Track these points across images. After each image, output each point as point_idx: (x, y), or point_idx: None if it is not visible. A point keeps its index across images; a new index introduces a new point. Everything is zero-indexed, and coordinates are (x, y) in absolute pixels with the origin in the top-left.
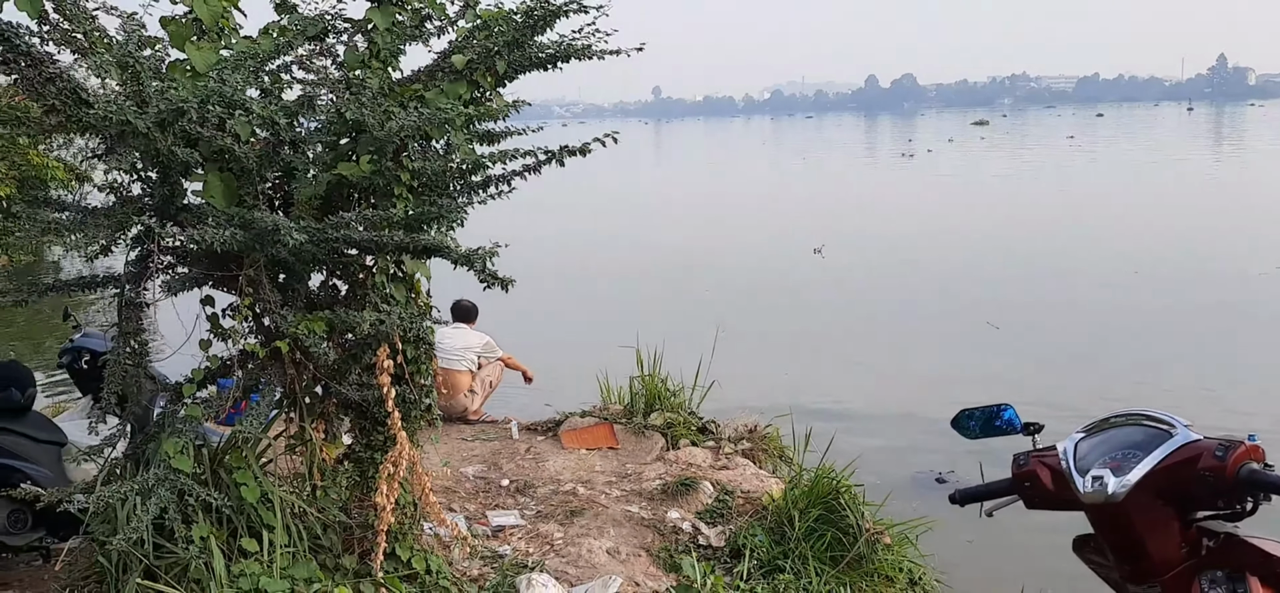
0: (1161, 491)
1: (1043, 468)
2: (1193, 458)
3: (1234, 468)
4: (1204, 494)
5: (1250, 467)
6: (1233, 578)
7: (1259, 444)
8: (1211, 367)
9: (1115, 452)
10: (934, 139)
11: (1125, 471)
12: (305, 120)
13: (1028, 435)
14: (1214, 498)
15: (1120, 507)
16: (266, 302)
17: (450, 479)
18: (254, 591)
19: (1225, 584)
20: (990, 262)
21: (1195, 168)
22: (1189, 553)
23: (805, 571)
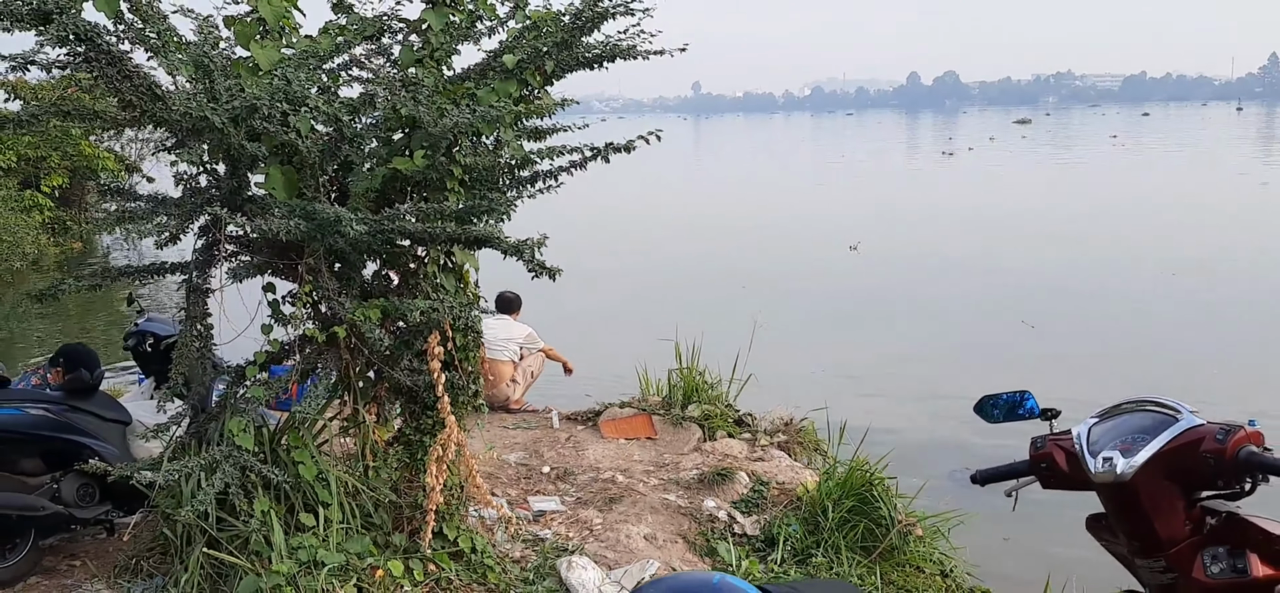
0: (1167, 471)
1: (1058, 450)
2: (1196, 441)
3: (1233, 450)
4: (1206, 475)
5: (1249, 449)
6: (1233, 554)
7: (1259, 429)
8: (1242, 369)
9: (1125, 435)
10: (975, 137)
11: (1134, 452)
12: (363, 117)
13: (1046, 421)
14: (1215, 479)
15: (1128, 486)
16: (325, 289)
17: (493, 465)
18: (312, 562)
19: (1226, 560)
20: (1027, 261)
21: (1239, 169)
22: (1193, 531)
23: (838, 560)
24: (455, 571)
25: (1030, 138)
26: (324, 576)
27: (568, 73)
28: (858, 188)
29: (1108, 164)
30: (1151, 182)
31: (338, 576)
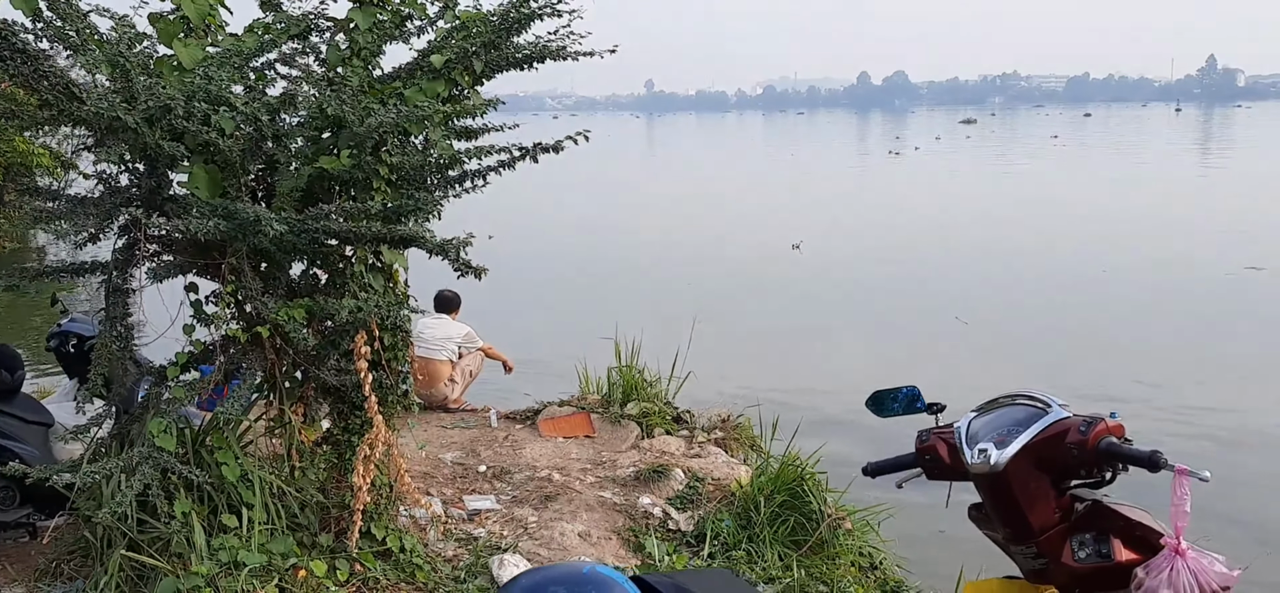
0: (1037, 462)
1: (941, 443)
2: (1062, 433)
3: (1095, 441)
4: (1072, 465)
5: (1109, 440)
6: (1099, 540)
7: (1119, 422)
8: (1164, 363)
9: (1001, 428)
10: (922, 137)
11: (1007, 444)
12: (288, 116)
13: (931, 414)
14: (1079, 468)
15: (1002, 476)
16: (248, 289)
17: (429, 465)
18: (232, 563)
19: (1092, 545)
20: (963, 258)
21: (1172, 169)
22: (1062, 518)
23: (768, 554)
24: (382, 570)
25: (974, 138)
26: (244, 576)
27: (497, 73)
28: (804, 187)
29: (1046, 164)
30: (1086, 181)
31: (259, 576)
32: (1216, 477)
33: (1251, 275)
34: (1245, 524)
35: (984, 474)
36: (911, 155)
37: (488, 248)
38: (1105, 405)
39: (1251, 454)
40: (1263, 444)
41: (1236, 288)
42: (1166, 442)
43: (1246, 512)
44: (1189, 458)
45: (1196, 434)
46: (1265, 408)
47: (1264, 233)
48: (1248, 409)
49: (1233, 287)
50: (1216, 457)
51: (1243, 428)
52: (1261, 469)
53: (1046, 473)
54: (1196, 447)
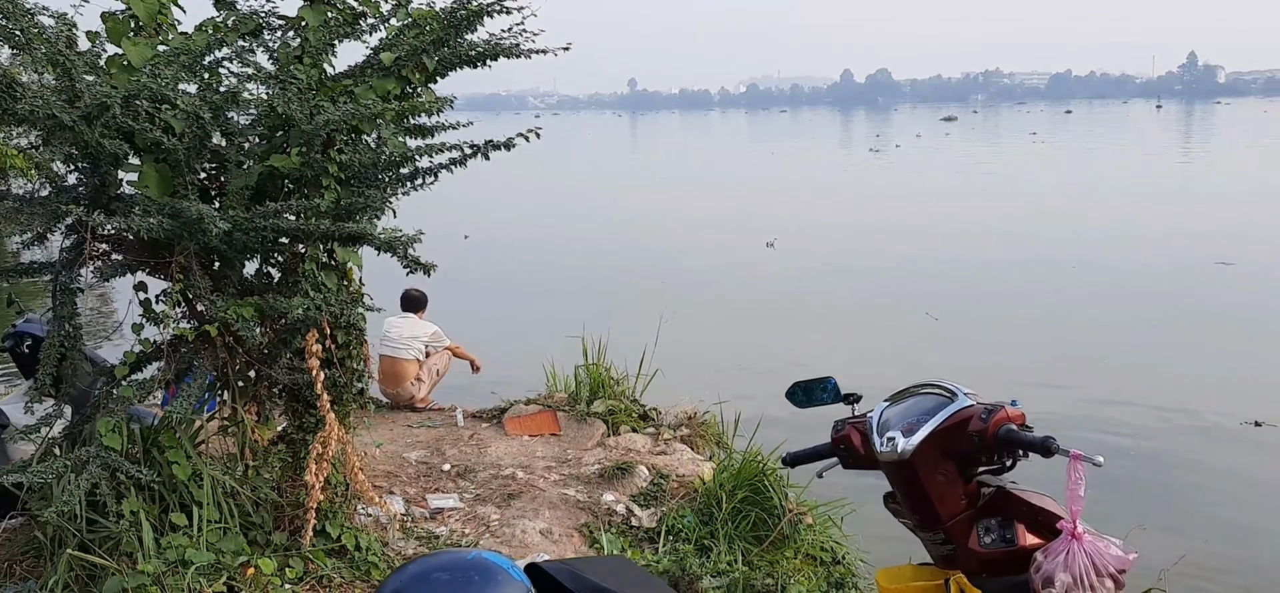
0: (943, 450)
1: (855, 433)
2: (965, 421)
3: (994, 429)
4: (974, 452)
5: (1008, 428)
6: (1003, 525)
7: (1021, 410)
8: (1129, 360)
9: (910, 417)
10: (903, 135)
11: (914, 433)
12: (237, 114)
13: (848, 404)
14: (981, 455)
15: (909, 464)
16: (197, 288)
17: (393, 463)
18: (180, 561)
19: (997, 531)
20: (938, 255)
21: (1148, 166)
22: (969, 504)
23: (731, 550)
24: (336, 568)
25: (954, 135)
26: (191, 574)
27: (451, 70)
28: (783, 185)
29: (1024, 162)
30: (1062, 178)
31: (207, 574)
32: (1179, 466)
33: (1221, 270)
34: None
35: (893, 462)
36: (892, 153)
37: (462, 247)
38: (1065, 397)
39: (1212, 444)
40: (1221, 435)
41: (1205, 282)
42: (1126, 432)
43: (1196, 501)
44: (1147, 447)
45: (1157, 424)
46: (1227, 398)
47: (1235, 228)
48: (1209, 400)
49: (1201, 280)
50: (1178, 445)
51: (1204, 418)
52: (1221, 458)
53: (952, 461)
54: (1161, 438)
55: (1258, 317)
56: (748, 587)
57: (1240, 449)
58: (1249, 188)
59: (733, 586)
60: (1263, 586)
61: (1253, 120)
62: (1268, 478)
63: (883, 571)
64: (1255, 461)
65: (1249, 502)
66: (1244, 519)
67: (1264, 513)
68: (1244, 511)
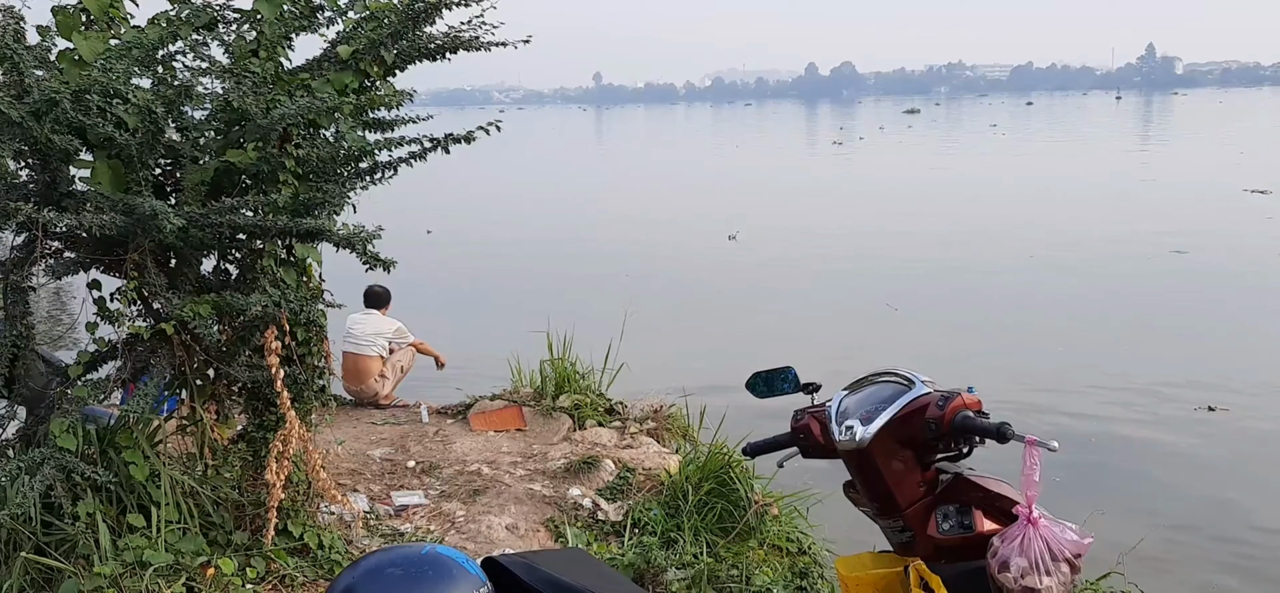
0: (900, 437)
1: (815, 422)
2: (922, 408)
3: (950, 416)
4: (931, 439)
5: (964, 415)
6: (961, 512)
7: (976, 396)
8: (1084, 348)
9: (868, 405)
10: (867, 127)
11: (871, 421)
12: (192, 109)
13: (807, 394)
14: (938, 442)
15: (867, 452)
16: (153, 285)
17: (357, 461)
18: (138, 563)
19: (955, 517)
20: (897, 246)
21: (1107, 157)
22: (927, 491)
23: (696, 542)
24: (298, 566)
25: (916, 128)
26: (149, 576)
27: (410, 63)
28: (746, 178)
29: (984, 153)
30: (1020, 170)
31: (165, 575)
32: (1135, 452)
33: (1176, 258)
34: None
35: (851, 451)
36: (855, 145)
37: (424, 243)
38: (1024, 385)
39: (1168, 430)
40: (1176, 421)
41: (1160, 270)
42: (1083, 419)
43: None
44: (1104, 433)
45: (1113, 411)
46: (1182, 384)
47: (1190, 217)
48: (1164, 386)
49: (1157, 269)
50: (1134, 432)
51: (1159, 404)
52: (1177, 443)
53: (910, 448)
54: (1117, 424)
55: (1211, 304)
56: (712, 578)
57: (1195, 434)
58: (1203, 178)
59: (697, 577)
60: (1218, 568)
61: (1208, 112)
62: (1222, 461)
63: (842, 559)
64: (1209, 445)
65: (1204, 485)
66: (1200, 503)
67: (1218, 496)
68: (1199, 494)
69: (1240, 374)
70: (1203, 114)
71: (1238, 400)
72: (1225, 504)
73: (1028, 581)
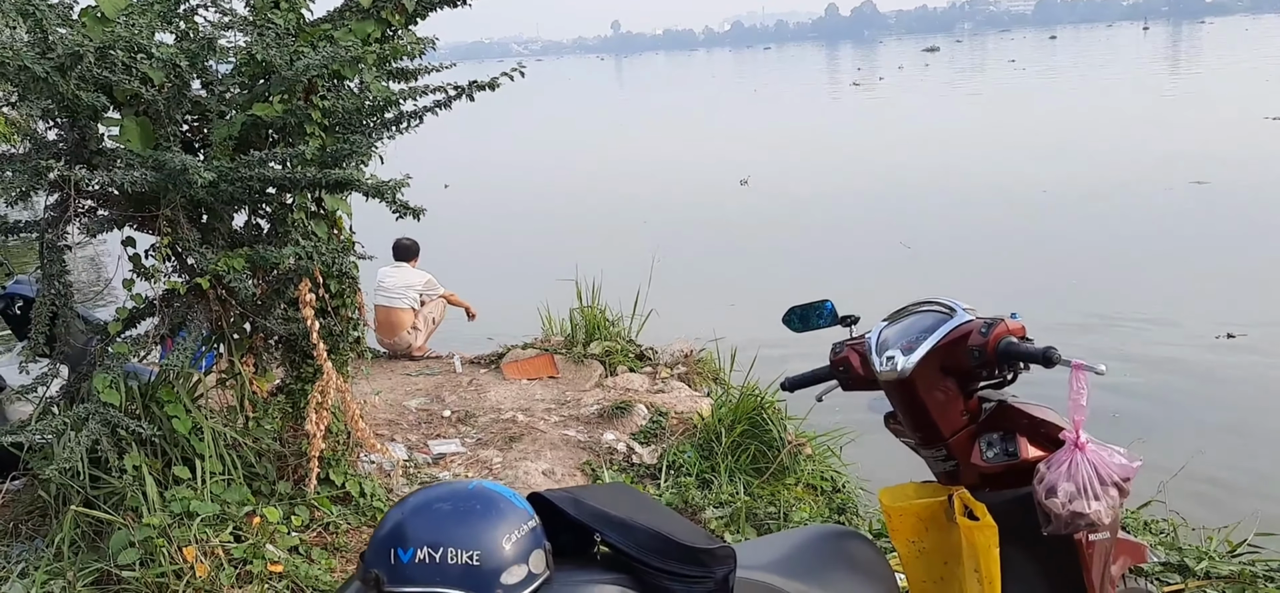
0: (942, 366)
1: (854, 354)
2: (965, 336)
3: (994, 343)
4: (975, 367)
5: (1008, 341)
6: (1005, 439)
7: (1020, 322)
8: (1102, 281)
9: (909, 335)
10: (886, 67)
11: (913, 350)
12: (216, 63)
13: (846, 326)
14: (981, 370)
15: (909, 382)
16: (186, 241)
17: (393, 412)
18: (185, 513)
19: (999, 445)
20: (911, 185)
21: (1126, 88)
22: (970, 420)
23: (732, 482)
24: (341, 514)
25: (934, 66)
26: (197, 525)
27: (430, 10)
28: (762, 122)
29: (1000, 89)
30: (1039, 105)
31: (213, 525)
32: (1161, 382)
33: (1195, 189)
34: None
35: (893, 381)
36: (874, 85)
37: (442, 196)
38: (1044, 319)
39: (1182, 363)
40: (1199, 348)
41: (1179, 201)
42: (1106, 353)
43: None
44: (1128, 365)
45: (1136, 342)
46: (1201, 313)
47: (1212, 148)
48: (1184, 316)
49: (1175, 201)
50: (1157, 362)
51: (1180, 333)
52: (1200, 371)
53: (952, 377)
54: (1140, 356)
55: (1229, 233)
56: (750, 515)
57: (1216, 361)
58: (1225, 107)
59: (736, 514)
60: (1260, 492)
61: (1236, 39)
62: (1244, 387)
63: (885, 489)
64: (1231, 371)
65: (1230, 411)
66: (1229, 428)
67: (1246, 421)
68: (1227, 420)
69: (1256, 303)
70: (1231, 42)
71: (1255, 329)
72: (1253, 428)
73: (1076, 505)
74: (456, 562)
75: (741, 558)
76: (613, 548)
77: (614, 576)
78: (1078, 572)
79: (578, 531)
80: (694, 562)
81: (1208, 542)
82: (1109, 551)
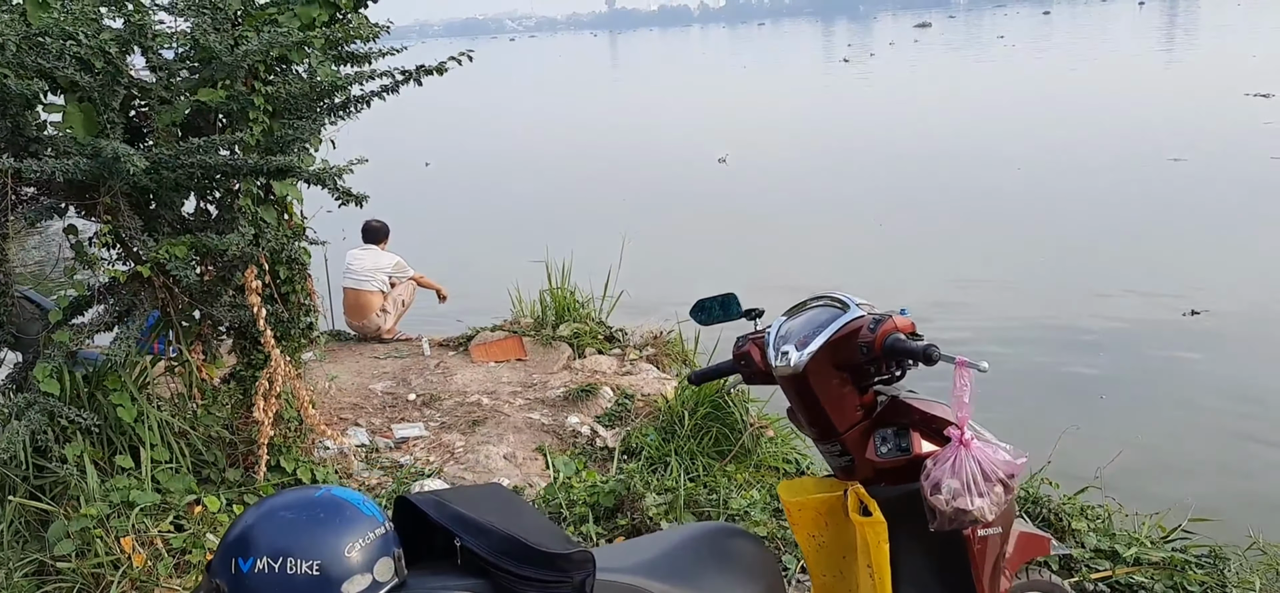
0: (836, 361)
1: (754, 348)
2: (856, 331)
3: (882, 339)
4: (865, 363)
5: (895, 337)
6: (899, 434)
7: (909, 319)
8: (1073, 257)
9: (806, 330)
10: (877, 43)
11: (807, 346)
12: (161, 47)
13: (751, 320)
14: (870, 366)
15: (803, 377)
16: (128, 228)
17: (359, 395)
18: (125, 503)
19: (893, 440)
20: (886, 163)
21: (1113, 64)
22: (865, 415)
23: (694, 465)
24: None
25: (924, 42)
26: (135, 515)
27: None
28: (747, 99)
29: (989, 65)
30: (1024, 81)
31: (153, 515)
32: (1122, 360)
33: (1173, 167)
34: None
35: (787, 376)
36: (864, 61)
37: (423, 175)
38: (1016, 297)
39: (1153, 336)
40: (1162, 327)
41: (1157, 178)
42: (1073, 331)
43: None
44: (1094, 342)
45: (1103, 320)
46: (1169, 291)
47: (1192, 126)
48: (1152, 293)
49: (1152, 179)
50: (1122, 340)
51: (1147, 311)
52: (1162, 349)
53: (846, 372)
54: (1106, 333)
55: (1201, 212)
56: (691, 502)
57: (1179, 339)
58: (1208, 83)
59: (675, 501)
60: (1193, 475)
61: (1229, 15)
62: (1203, 367)
63: (784, 483)
64: (1192, 350)
65: (1183, 391)
66: (1180, 408)
67: (1196, 401)
68: (1178, 400)
69: (1223, 281)
70: (1224, 18)
71: (1218, 305)
72: (1198, 409)
73: (960, 502)
74: (296, 572)
75: (613, 560)
76: (471, 552)
77: (469, 581)
78: (967, 567)
79: (442, 534)
80: (550, 566)
81: (1140, 528)
82: (1001, 546)
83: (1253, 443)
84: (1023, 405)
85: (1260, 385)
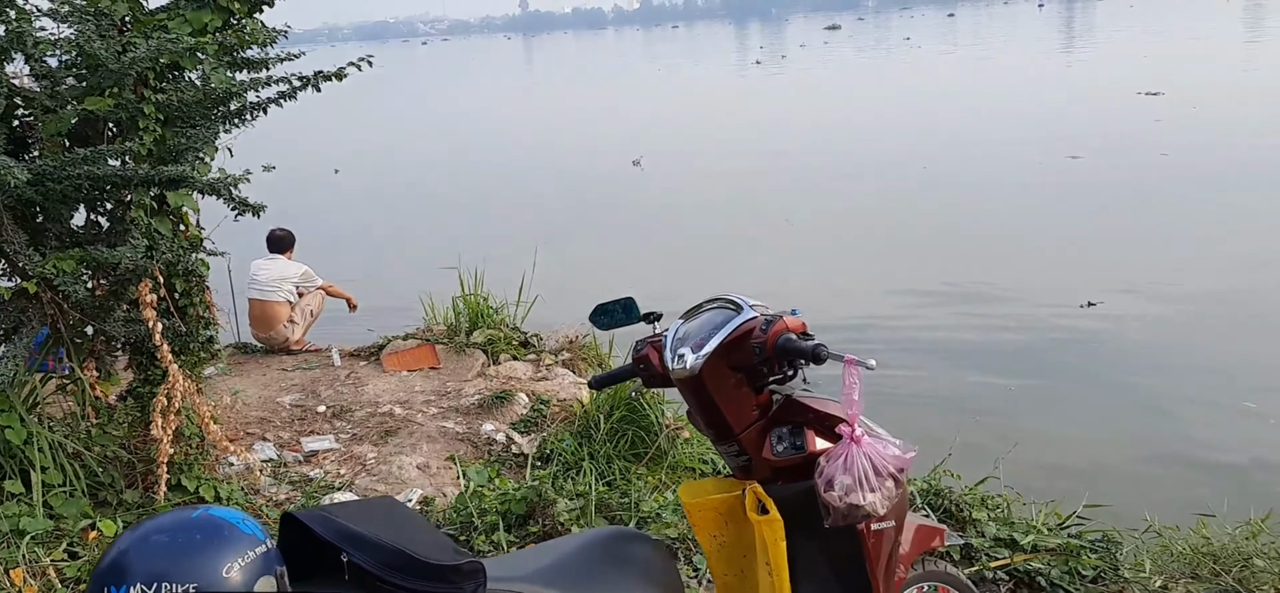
0: (731, 363)
1: (654, 351)
2: (749, 332)
3: (773, 339)
4: (758, 363)
5: (785, 337)
6: (794, 432)
7: (800, 319)
8: (974, 254)
9: (701, 333)
10: (788, 45)
11: (702, 348)
12: (44, 55)
13: (649, 323)
14: (764, 366)
15: (699, 379)
16: (11, 243)
17: (266, 409)
18: (14, 531)
19: (788, 438)
20: (799, 164)
21: (1013, 65)
22: (761, 415)
23: (610, 469)
24: None
25: (833, 44)
26: (26, 544)
27: None
28: (661, 102)
29: (894, 67)
30: (927, 82)
31: (45, 543)
32: (1017, 354)
33: (1070, 164)
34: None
35: (685, 378)
36: (775, 63)
37: (333, 182)
38: (915, 293)
39: (1048, 330)
40: (1059, 319)
41: (1053, 176)
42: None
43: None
44: (990, 339)
45: (997, 314)
46: (1064, 285)
47: (1086, 122)
48: (1048, 288)
49: (1050, 175)
50: (1017, 334)
51: (1042, 305)
52: (1057, 341)
53: (741, 373)
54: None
55: (1097, 205)
56: (603, 507)
57: (1075, 330)
58: (1103, 83)
59: (587, 506)
60: (1090, 461)
61: (1135, 17)
62: (1099, 356)
63: (685, 485)
64: (1088, 339)
65: (1080, 381)
66: (1076, 396)
67: (1091, 392)
68: (1076, 391)
69: (1117, 272)
70: (1118, 20)
71: (1115, 298)
72: (1093, 399)
73: (852, 497)
74: None
75: (506, 570)
76: (358, 567)
77: None
78: (862, 561)
79: (330, 551)
80: (439, 579)
81: (1038, 516)
82: (894, 538)
83: (1148, 429)
84: (923, 401)
85: (1153, 373)
